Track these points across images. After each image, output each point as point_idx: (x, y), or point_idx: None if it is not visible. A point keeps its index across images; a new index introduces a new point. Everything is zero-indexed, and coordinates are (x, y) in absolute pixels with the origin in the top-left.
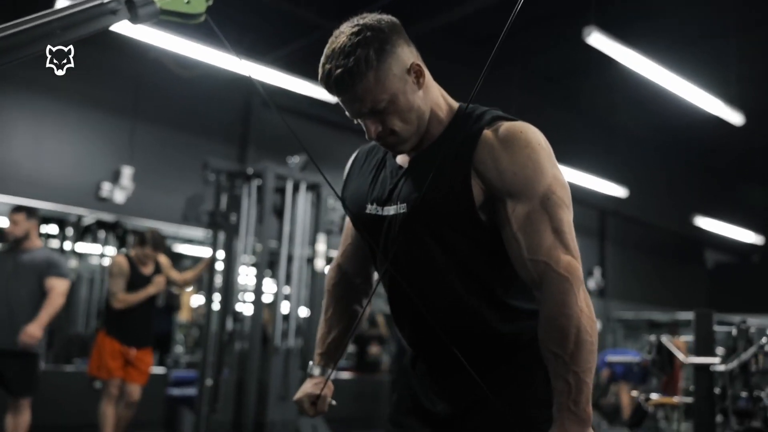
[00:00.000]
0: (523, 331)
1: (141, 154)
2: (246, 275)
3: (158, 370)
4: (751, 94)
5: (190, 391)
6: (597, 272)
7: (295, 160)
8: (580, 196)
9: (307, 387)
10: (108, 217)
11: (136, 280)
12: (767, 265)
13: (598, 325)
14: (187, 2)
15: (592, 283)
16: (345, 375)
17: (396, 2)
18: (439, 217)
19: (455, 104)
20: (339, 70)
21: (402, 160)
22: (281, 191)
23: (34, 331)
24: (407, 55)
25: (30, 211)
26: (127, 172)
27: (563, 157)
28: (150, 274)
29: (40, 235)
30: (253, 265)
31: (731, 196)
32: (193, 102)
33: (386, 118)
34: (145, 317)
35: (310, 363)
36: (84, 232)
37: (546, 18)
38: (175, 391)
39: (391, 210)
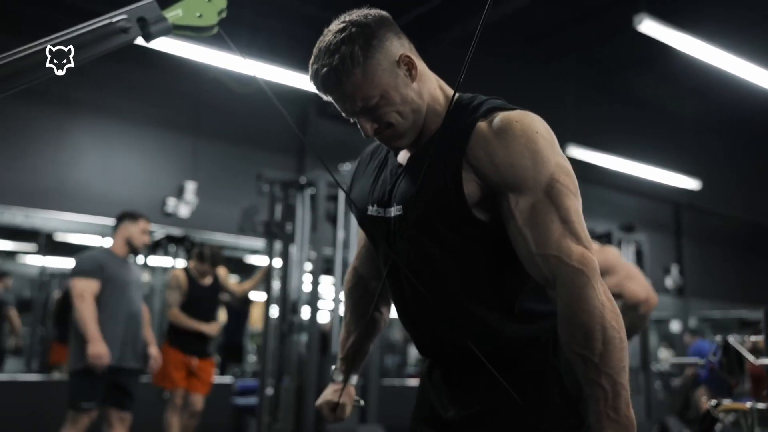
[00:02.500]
0: (538, 335)
1: (203, 169)
2: (304, 283)
3: (226, 379)
4: None
5: (254, 400)
6: (674, 269)
7: (347, 167)
8: (650, 190)
9: (328, 393)
10: (176, 231)
11: (195, 291)
12: None
13: (677, 326)
14: (199, 16)
15: (670, 282)
16: (412, 382)
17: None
18: (434, 217)
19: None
20: (325, 69)
21: (402, 157)
22: (334, 199)
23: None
24: (396, 47)
25: None
26: (190, 187)
27: (627, 150)
28: (209, 285)
29: None
30: (309, 272)
31: None
32: (252, 116)
33: (380, 114)
34: None
35: (333, 368)
36: (155, 247)
37: (598, 10)
38: (240, 400)
39: (390, 212)
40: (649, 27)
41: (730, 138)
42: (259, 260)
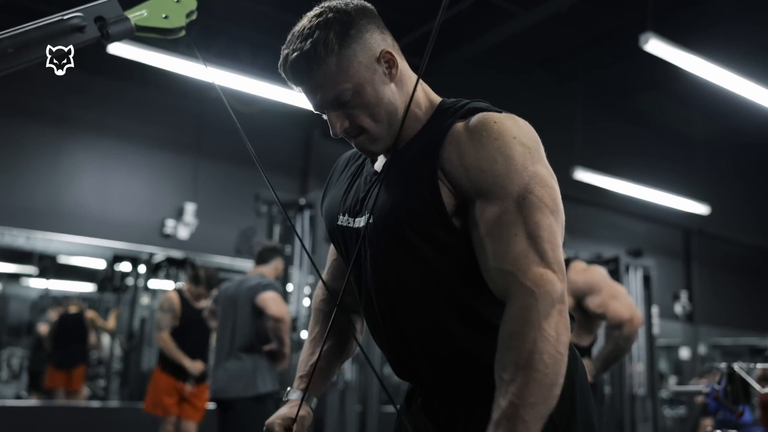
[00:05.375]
0: None
1: (204, 190)
2: (303, 306)
3: None
4: None
5: None
6: (684, 295)
7: None
8: (660, 215)
9: (283, 411)
10: (175, 253)
11: (188, 314)
12: None
13: (687, 353)
14: (165, 17)
15: (679, 308)
16: None
17: (460, 17)
18: (407, 227)
19: (438, 99)
20: (295, 54)
21: (379, 165)
22: None
23: None
24: (378, 42)
25: None
26: (190, 209)
27: (636, 175)
28: (203, 308)
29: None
30: (308, 296)
31: None
32: (255, 137)
33: (353, 112)
34: (200, 353)
35: (288, 389)
36: (155, 269)
37: (608, 32)
38: None
39: (361, 221)
40: (656, 47)
41: (740, 162)
42: None
